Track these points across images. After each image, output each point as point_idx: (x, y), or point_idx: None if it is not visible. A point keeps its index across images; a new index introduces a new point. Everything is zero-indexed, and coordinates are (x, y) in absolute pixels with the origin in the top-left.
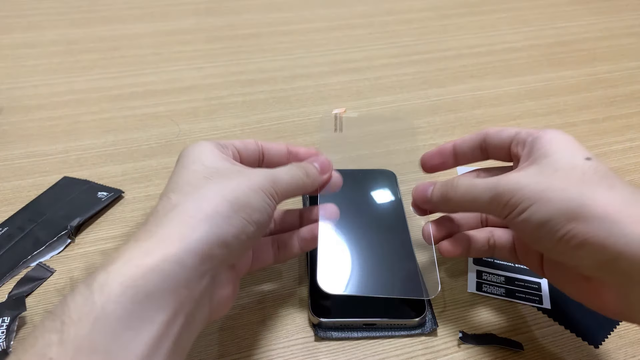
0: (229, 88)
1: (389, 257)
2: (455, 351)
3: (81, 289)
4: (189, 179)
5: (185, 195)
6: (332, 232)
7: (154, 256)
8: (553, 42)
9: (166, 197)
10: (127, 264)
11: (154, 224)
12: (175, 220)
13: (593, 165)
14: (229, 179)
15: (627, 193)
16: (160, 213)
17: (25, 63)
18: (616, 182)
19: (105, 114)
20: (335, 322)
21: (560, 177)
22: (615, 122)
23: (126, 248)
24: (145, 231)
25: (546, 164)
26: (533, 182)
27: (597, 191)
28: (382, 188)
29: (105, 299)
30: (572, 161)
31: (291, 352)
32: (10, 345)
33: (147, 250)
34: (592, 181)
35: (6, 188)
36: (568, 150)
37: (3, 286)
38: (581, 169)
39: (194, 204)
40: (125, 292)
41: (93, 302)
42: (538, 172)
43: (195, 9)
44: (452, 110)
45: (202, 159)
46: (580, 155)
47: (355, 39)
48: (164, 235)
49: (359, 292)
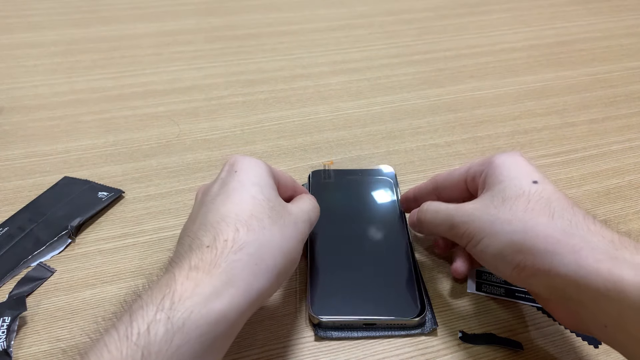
0: (229, 88)
1: (384, 274)
2: (455, 351)
3: (162, 319)
4: (253, 209)
5: (253, 235)
6: (324, 254)
7: (224, 301)
8: (553, 42)
9: (234, 226)
10: (205, 307)
11: (223, 256)
12: (242, 264)
13: (538, 190)
14: (286, 225)
15: (566, 222)
16: (229, 246)
17: (25, 63)
18: (556, 209)
19: (106, 114)
20: (335, 322)
21: (507, 209)
22: (615, 122)
23: (199, 278)
24: (214, 261)
25: (497, 192)
26: (484, 214)
27: (538, 223)
28: (381, 192)
29: (183, 339)
30: (519, 188)
31: (291, 351)
32: (10, 345)
33: (218, 290)
34: (535, 211)
35: (7, 188)
36: (517, 175)
37: (3, 286)
38: (527, 196)
39: (260, 251)
40: (200, 336)
41: (172, 341)
42: (489, 203)
43: (195, 9)
44: (452, 110)
45: (262, 186)
46: (528, 179)
47: (355, 39)
48: (233, 278)
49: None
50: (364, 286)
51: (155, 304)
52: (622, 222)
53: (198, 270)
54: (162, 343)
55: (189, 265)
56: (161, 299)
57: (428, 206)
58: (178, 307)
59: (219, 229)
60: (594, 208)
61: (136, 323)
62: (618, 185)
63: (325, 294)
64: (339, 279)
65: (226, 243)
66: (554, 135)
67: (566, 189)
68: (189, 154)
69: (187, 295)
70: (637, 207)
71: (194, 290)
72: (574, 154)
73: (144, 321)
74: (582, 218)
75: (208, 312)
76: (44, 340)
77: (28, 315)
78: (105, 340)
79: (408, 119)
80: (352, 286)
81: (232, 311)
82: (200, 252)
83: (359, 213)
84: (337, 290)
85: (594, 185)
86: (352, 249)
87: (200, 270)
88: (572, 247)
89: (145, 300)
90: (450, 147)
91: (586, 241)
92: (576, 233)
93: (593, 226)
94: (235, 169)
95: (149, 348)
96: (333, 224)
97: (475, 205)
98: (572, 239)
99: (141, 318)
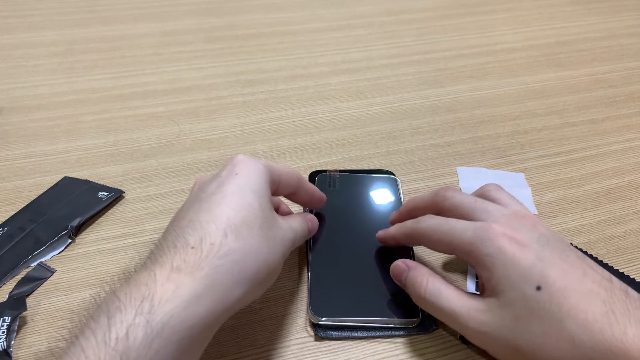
0: (229, 88)
1: (385, 275)
2: (455, 351)
3: (141, 323)
4: (245, 217)
5: (241, 242)
6: (324, 256)
7: (204, 306)
8: (552, 43)
9: (223, 231)
10: (185, 311)
11: (207, 260)
12: (226, 270)
13: (547, 302)
14: (273, 238)
15: (588, 349)
16: (215, 250)
17: (25, 63)
18: (573, 328)
19: (106, 114)
20: (335, 322)
21: (524, 331)
22: (615, 122)
23: (181, 280)
24: (197, 262)
25: (504, 304)
26: (499, 336)
27: (563, 353)
28: (384, 195)
29: (161, 344)
30: (526, 301)
31: (291, 351)
32: (10, 345)
33: (199, 294)
34: (553, 336)
35: (7, 188)
36: (517, 279)
37: (4, 286)
38: (538, 313)
39: (245, 259)
40: (177, 340)
41: (150, 346)
42: (500, 320)
43: (196, 9)
44: (452, 110)
45: (259, 194)
46: (530, 285)
47: (355, 39)
48: (214, 283)
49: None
50: (365, 288)
51: (134, 306)
52: (621, 222)
53: (180, 272)
54: (141, 348)
55: (170, 266)
56: (140, 302)
57: (429, 288)
58: (157, 310)
59: (207, 230)
60: (594, 208)
61: (114, 327)
62: (618, 185)
63: (326, 295)
64: (339, 280)
65: (212, 247)
66: (553, 135)
67: (566, 189)
68: (189, 154)
69: (167, 298)
70: (637, 207)
71: (174, 293)
72: (573, 154)
73: (122, 325)
74: (600, 334)
75: (187, 316)
76: (43, 340)
77: (28, 315)
78: (83, 344)
79: (408, 119)
80: (353, 288)
81: (210, 316)
82: (185, 252)
83: (358, 215)
84: (338, 291)
85: (594, 185)
86: (352, 251)
87: (182, 272)
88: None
89: (124, 302)
90: (450, 147)
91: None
92: (601, 359)
93: (614, 347)
94: (237, 171)
95: (127, 353)
96: (333, 225)
97: (486, 319)
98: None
99: (120, 322)
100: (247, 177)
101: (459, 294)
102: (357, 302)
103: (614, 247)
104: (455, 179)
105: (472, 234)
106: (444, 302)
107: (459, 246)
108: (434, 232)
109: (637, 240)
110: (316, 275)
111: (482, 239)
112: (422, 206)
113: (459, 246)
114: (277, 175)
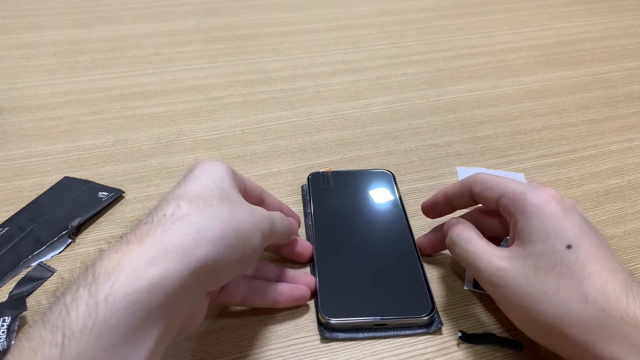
0: (229, 88)
1: (391, 273)
2: (455, 351)
3: (83, 296)
4: (201, 192)
5: (197, 209)
6: (330, 255)
7: (158, 268)
8: (552, 43)
9: (175, 202)
10: (134, 275)
11: (159, 226)
12: (182, 231)
13: (572, 261)
14: (238, 208)
15: (599, 311)
16: (168, 217)
17: (25, 63)
18: (590, 291)
19: (106, 114)
20: (346, 323)
21: (540, 282)
22: (614, 122)
23: (129, 250)
24: (148, 231)
25: (528, 255)
26: (514, 282)
27: (571, 309)
28: (381, 191)
29: (109, 311)
30: (552, 256)
31: (291, 351)
32: (10, 345)
33: (151, 258)
34: (568, 290)
35: (7, 188)
36: (550, 235)
37: (4, 286)
38: (560, 268)
39: (203, 220)
40: (129, 306)
41: (97, 314)
42: (520, 269)
43: (196, 9)
44: (452, 110)
45: (215, 179)
46: (562, 242)
47: (355, 39)
48: (169, 245)
49: (363, 317)
50: (373, 286)
51: (77, 283)
52: (621, 222)
53: (129, 244)
54: (85, 318)
55: (120, 242)
56: (84, 277)
57: (459, 236)
58: (100, 280)
59: (159, 207)
60: (594, 208)
61: (57, 306)
62: (617, 185)
63: (334, 295)
64: (347, 280)
65: (164, 216)
66: (553, 136)
67: (566, 189)
68: (189, 154)
69: (112, 267)
70: (636, 207)
71: (120, 261)
72: (573, 154)
73: (64, 302)
74: (615, 301)
75: (137, 279)
76: None
77: (28, 315)
78: (30, 331)
79: (407, 119)
80: (361, 287)
81: (168, 278)
82: (137, 228)
83: (361, 214)
84: (346, 291)
85: (594, 185)
86: (358, 250)
87: (131, 243)
88: (607, 338)
89: (74, 282)
90: (449, 148)
91: (619, 334)
92: (609, 324)
93: (627, 315)
94: (194, 169)
95: (70, 327)
96: (335, 226)
97: (505, 264)
98: (605, 330)
99: (62, 299)
100: (202, 169)
101: (488, 243)
102: (366, 301)
103: (613, 247)
104: (455, 179)
105: (526, 186)
106: (470, 246)
107: (510, 192)
108: (491, 179)
109: (637, 240)
110: (323, 276)
111: (533, 191)
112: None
113: (510, 192)
114: (240, 177)
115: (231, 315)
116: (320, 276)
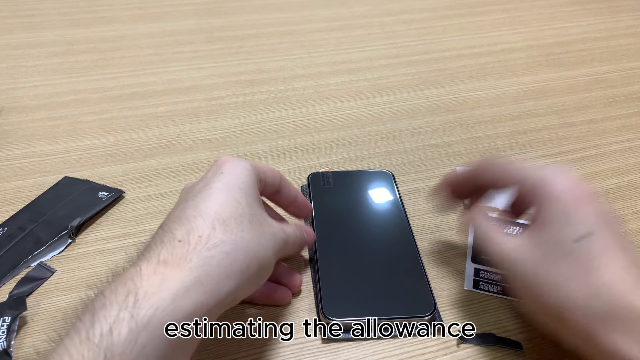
0: (229, 88)
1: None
2: (455, 351)
3: (126, 318)
4: (234, 212)
5: (230, 235)
6: (330, 255)
7: (192, 299)
8: (552, 43)
9: (211, 224)
10: (173, 304)
11: (196, 252)
12: (216, 262)
13: (583, 251)
14: (262, 233)
15: (603, 303)
16: (204, 242)
17: (25, 63)
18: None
19: (106, 114)
20: (346, 323)
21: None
22: (614, 122)
23: (168, 274)
24: (185, 255)
25: (544, 240)
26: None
27: (578, 300)
28: (381, 191)
29: (149, 338)
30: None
31: (291, 351)
32: (11, 345)
33: (187, 287)
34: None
35: (7, 188)
36: (567, 222)
37: (4, 286)
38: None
39: (235, 252)
40: (166, 335)
41: (136, 341)
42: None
43: (196, 9)
44: (452, 110)
45: (247, 191)
46: (577, 231)
47: (355, 39)
48: (204, 276)
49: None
50: (373, 286)
51: (118, 302)
52: (621, 222)
53: (167, 265)
54: (126, 343)
55: (157, 259)
56: (125, 297)
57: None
58: (142, 304)
59: (194, 224)
60: None
61: (99, 324)
62: (617, 185)
63: (336, 295)
64: (347, 280)
65: (200, 239)
66: (553, 136)
67: None
68: (189, 154)
69: (152, 291)
70: (636, 207)
71: (160, 286)
72: (573, 154)
73: (106, 321)
74: (623, 294)
75: (175, 309)
76: (44, 340)
77: (28, 315)
78: (66, 343)
79: (407, 119)
80: (362, 287)
81: (200, 310)
82: (172, 246)
83: (361, 214)
84: (347, 291)
85: (593, 186)
86: (358, 250)
87: (169, 265)
88: (612, 330)
89: (109, 298)
90: (449, 148)
91: (625, 326)
92: (615, 316)
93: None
94: (223, 170)
95: (112, 350)
96: (335, 226)
97: (518, 246)
98: (611, 322)
99: (104, 318)
100: (234, 175)
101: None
102: (367, 301)
103: None
104: None
105: (550, 170)
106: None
107: (532, 175)
108: (512, 162)
109: (637, 240)
110: (324, 276)
111: (557, 176)
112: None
113: (533, 175)
114: (263, 172)
115: (231, 315)
116: (321, 276)
